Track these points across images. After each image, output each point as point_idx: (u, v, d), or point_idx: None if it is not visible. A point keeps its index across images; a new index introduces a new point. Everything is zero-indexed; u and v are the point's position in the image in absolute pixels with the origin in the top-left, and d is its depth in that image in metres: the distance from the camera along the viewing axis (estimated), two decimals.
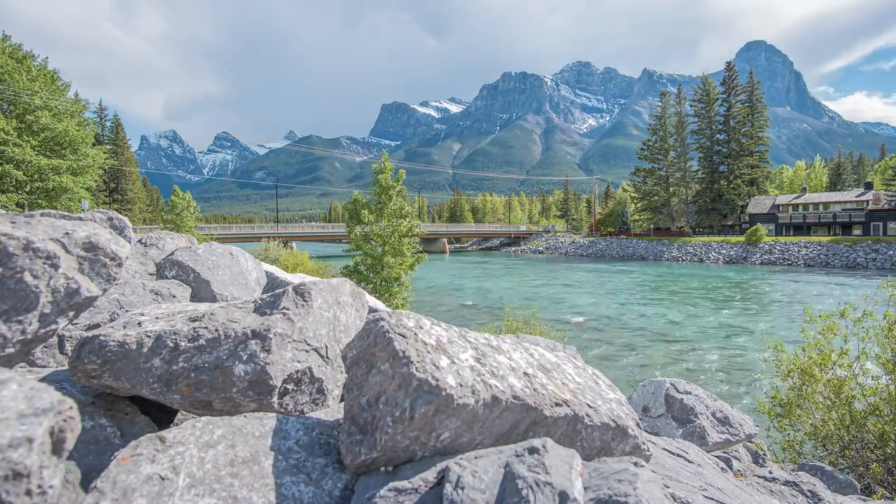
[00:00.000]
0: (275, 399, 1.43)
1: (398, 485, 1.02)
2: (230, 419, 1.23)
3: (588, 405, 1.39)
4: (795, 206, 55.67)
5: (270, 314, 1.58)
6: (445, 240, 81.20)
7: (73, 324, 2.05)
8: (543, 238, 78.15)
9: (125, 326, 1.47)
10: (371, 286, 16.65)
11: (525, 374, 1.31)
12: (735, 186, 61.82)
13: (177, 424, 1.45)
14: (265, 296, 1.73)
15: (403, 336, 1.17)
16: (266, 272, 3.34)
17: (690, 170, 66.40)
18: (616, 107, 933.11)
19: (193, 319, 1.52)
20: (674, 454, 2.39)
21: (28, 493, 0.86)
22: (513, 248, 78.29)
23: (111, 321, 2.04)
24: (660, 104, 67.26)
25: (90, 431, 1.28)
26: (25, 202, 25.93)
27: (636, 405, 3.48)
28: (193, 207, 34.00)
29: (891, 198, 49.55)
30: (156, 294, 2.39)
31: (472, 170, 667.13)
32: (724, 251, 49.64)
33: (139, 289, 2.39)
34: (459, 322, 18.80)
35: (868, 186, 54.02)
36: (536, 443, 1.04)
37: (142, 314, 1.59)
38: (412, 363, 1.09)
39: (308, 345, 1.58)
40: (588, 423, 1.35)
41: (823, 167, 77.37)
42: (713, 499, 1.70)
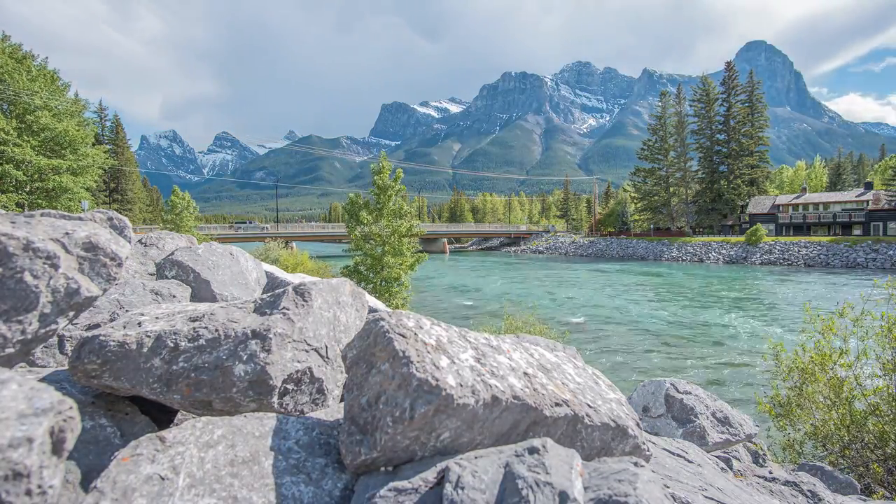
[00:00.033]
0: (275, 399, 1.43)
1: (398, 485, 1.02)
2: (230, 419, 1.23)
3: (588, 405, 1.39)
4: (795, 206, 55.68)
5: (270, 314, 1.58)
6: (445, 240, 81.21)
7: (73, 324, 2.05)
8: (543, 238, 78.15)
9: (125, 326, 1.47)
10: (371, 286, 16.65)
11: (525, 374, 1.31)
12: (735, 186, 61.84)
13: (177, 424, 1.45)
14: (265, 296, 1.73)
15: (403, 336, 1.17)
16: (266, 272, 3.34)
17: (690, 170, 66.41)
18: (616, 107, 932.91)
19: (193, 319, 1.52)
20: (674, 454, 2.39)
21: (28, 493, 0.86)
22: (513, 248, 78.28)
23: (111, 321, 2.04)
24: (660, 104, 67.27)
25: (90, 431, 1.28)
26: (25, 202, 25.93)
27: (636, 405, 3.48)
28: (193, 207, 34.01)
29: (891, 198, 49.56)
30: (156, 294, 2.39)
31: (472, 170, 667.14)
32: (724, 251, 49.64)
33: (139, 289, 2.39)
34: (459, 322, 18.80)
35: (868, 186, 54.04)
36: (536, 443, 1.04)
37: (142, 314, 1.59)
38: (412, 363, 1.09)
39: (308, 345, 1.58)
40: (588, 423, 1.35)
41: (823, 167, 77.39)
42: (713, 499, 1.70)
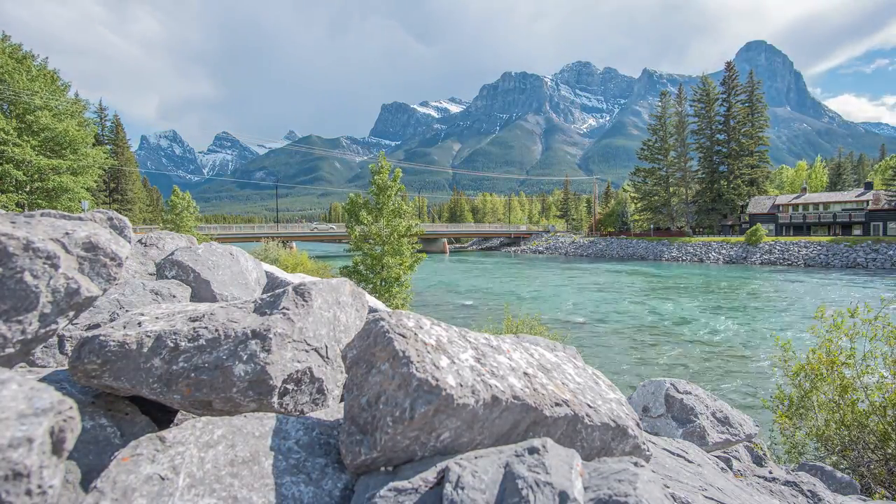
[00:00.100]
0: (275, 399, 1.43)
1: (398, 485, 1.02)
2: (230, 419, 1.23)
3: (588, 405, 1.39)
4: (795, 206, 55.68)
5: (270, 314, 1.58)
6: (445, 240, 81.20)
7: (73, 324, 2.05)
8: (543, 238, 78.14)
9: (125, 326, 1.47)
10: (371, 286, 16.65)
11: (525, 374, 1.31)
12: (735, 186, 61.84)
13: (177, 424, 1.45)
14: (265, 296, 1.73)
15: (403, 336, 1.17)
16: (266, 272, 3.34)
17: (690, 170, 66.42)
18: (616, 107, 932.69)
19: (193, 319, 1.52)
20: (674, 454, 2.39)
21: (28, 493, 0.86)
22: (513, 248, 78.28)
23: (111, 321, 2.04)
24: (660, 104, 67.28)
25: (90, 431, 1.28)
26: (25, 202, 25.93)
27: (636, 405, 3.48)
28: (193, 207, 34.01)
29: (891, 198, 49.56)
30: (156, 294, 2.39)
31: (472, 170, 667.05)
32: (724, 251, 49.65)
33: (139, 289, 2.39)
34: (459, 322, 18.80)
35: (868, 186, 54.03)
36: (536, 443, 1.04)
37: (142, 314, 1.59)
38: (412, 363, 1.09)
39: (308, 345, 1.58)
40: (588, 423, 1.35)
41: (823, 167, 77.38)
42: (713, 499, 1.70)
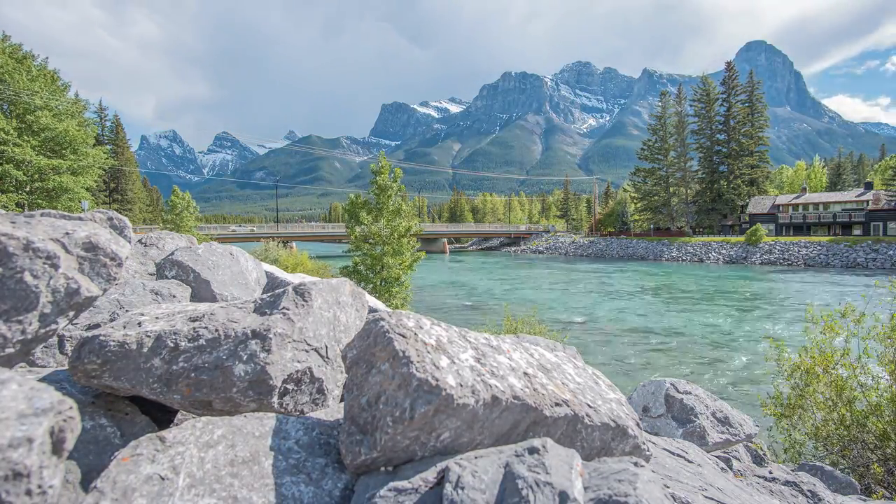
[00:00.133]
0: (275, 399, 1.43)
1: (398, 485, 1.02)
2: (230, 419, 1.23)
3: (588, 405, 1.39)
4: (795, 206, 55.68)
5: (270, 314, 1.58)
6: (445, 240, 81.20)
7: (73, 324, 2.05)
8: (543, 238, 78.13)
9: (125, 326, 1.47)
10: (371, 286, 16.64)
11: (525, 374, 1.31)
12: (735, 186, 61.84)
13: (177, 424, 1.45)
14: (265, 296, 1.73)
15: (403, 336, 1.17)
16: (266, 272, 3.34)
17: (690, 170, 66.41)
18: (616, 107, 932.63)
19: (193, 319, 1.52)
20: (674, 454, 2.39)
21: (28, 493, 0.86)
22: (513, 248, 78.27)
23: (111, 321, 2.04)
24: (660, 104, 67.28)
25: (90, 431, 1.28)
26: (25, 202, 25.94)
27: (636, 405, 3.48)
28: (193, 207, 34.01)
29: (891, 198, 49.56)
30: (156, 294, 2.39)
31: (472, 170, 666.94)
32: (724, 251, 49.65)
33: (139, 289, 2.39)
34: (459, 322, 18.80)
35: (868, 186, 54.03)
36: (536, 443, 1.04)
37: (142, 314, 1.59)
38: (412, 363, 1.09)
39: (308, 345, 1.58)
40: (588, 423, 1.35)
41: (823, 167, 77.39)
42: (713, 499, 1.70)
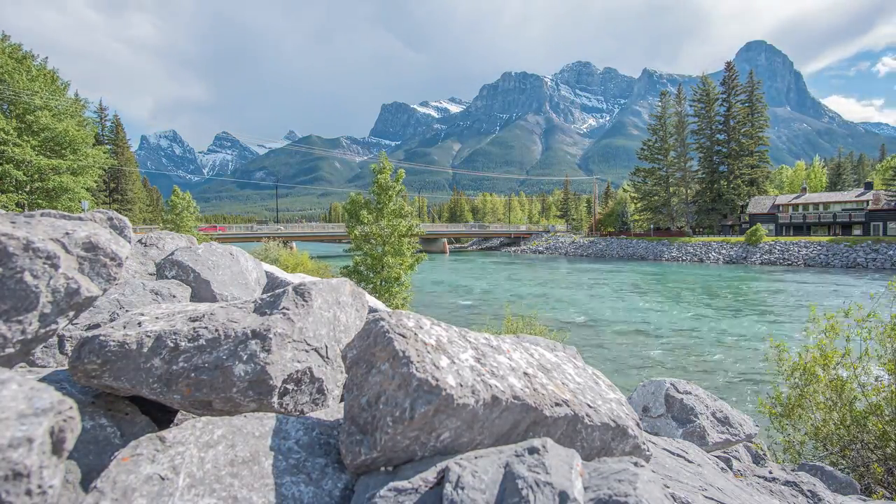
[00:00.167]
0: (275, 399, 1.43)
1: (398, 485, 1.02)
2: (230, 419, 1.23)
3: (588, 405, 1.39)
4: (795, 206, 55.68)
5: (270, 314, 1.58)
6: (445, 240, 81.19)
7: (73, 324, 2.05)
8: (543, 238, 78.13)
9: (125, 326, 1.47)
10: (371, 286, 16.64)
11: (525, 374, 1.31)
12: (735, 186, 61.84)
13: (177, 424, 1.45)
14: (265, 296, 1.73)
15: (403, 336, 1.17)
16: (266, 272, 3.34)
17: (690, 170, 66.42)
18: (616, 107, 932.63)
19: (193, 319, 1.52)
20: (674, 454, 2.39)
21: (28, 493, 0.86)
22: (513, 248, 78.27)
23: (111, 321, 2.04)
24: (660, 104, 67.29)
25: (90, 431, 1.28)
26: (25, 202, 25.94)
27: (636, 405, 3.48)
28: (193, 207, 34.01)
29: (891, 198, 49.56)
30: (156, 294, 2.39)
31: (472, 170, 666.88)
32: (724, 251, 49.65)
33: (139, 289, 2.39)
34: (459, 322, 18.80)
35: (868, 186, 54.03)
36: (536, 443, 1.04)
37: (142, 314, 1.59)
38: (412, 363, 1.09)
39: (308, 345, 1.58)
40: (588, 423, 1.35)
41: (823, 167, 77.38)
42: (713, 499, 1.70)
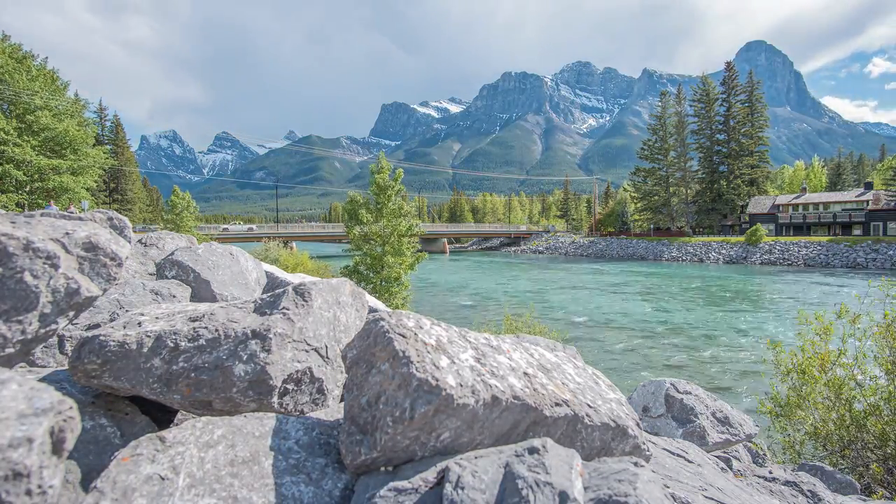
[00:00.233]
0: (275, 399, 1.43)
1: (398, 485, 1.02)
2: (230, 419, 1.23)
3: (588, 405, 1.39)
4: (795, 206, 55.68)
5: (270, 314, 1.58)
6: (445, 240, 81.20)
7: (73, 324, 2.05)
8: (543, 238, 78.14)
9: (125, 326, 1.47)
10: (371, 286, 16.64)
11: (525, 374, 1.31)
12: (735, 186, 61.84)
13: (177, 424, 1.45)
14: (265, 296, 1.73)
15: (403, 336, 1.17)
16: (266, 272, 3.34)
17: (690, 170, 66.42)
18: (616, 107, 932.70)
19: (193, 319, 1.52)
20: (674, 454, 2.39)
21: (28, 493, 0.86)
22: (513, 248, 78.28)
23: (111, 321, 2.04)
24: (660, 104, 67.30)
25: (90, 431, 1.28)
26: (25, 202, 25.94)
27: (636, 405, 3.48)
28: (193, 207, 34.00)
29: (891, 198, 49.56)
30: (156, 294, 2.39)
31: (472, 170, 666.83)
32: (724, 251, 49.65)
33: (139, 289, 2.39)
34: (459, 322, 18.79)
35: (868, 186, 54.02)
36: (536, 443, 1.04)
37: (142, 314, 1.59)
38: (412, 363, 1.09)
39: (308, 345, 1.58)
40: (588, 423, 1.35)
41: (823, 167, 77.40)
42: (713, 499, 1.70)
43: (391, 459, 1.10)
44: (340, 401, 1.69)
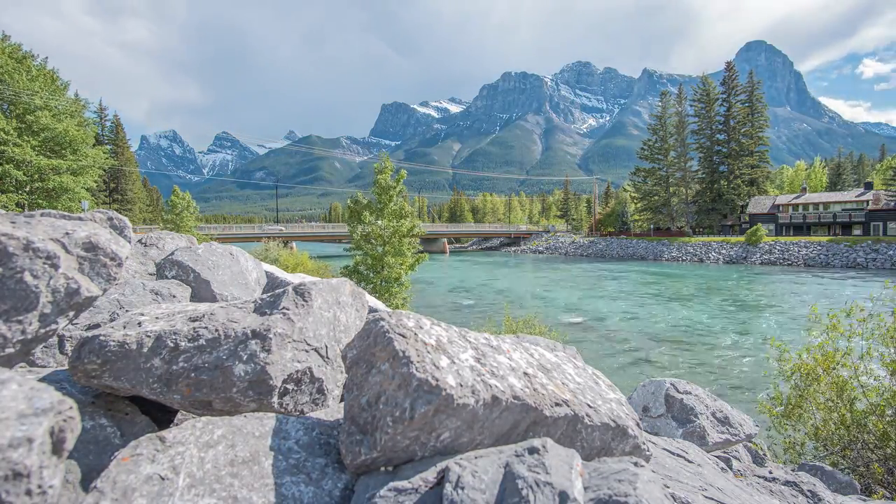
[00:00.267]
0: (275, 399, 1.43)
1: (398, 485, 1.02)
2: (230, 419, 1.23)
3: (588, 405, 1.39)
4: (795, 206, 55.67)
5: (270, 314, 1.58)
6: (445, 240, 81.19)
7: (73, 324, 2.05)
8: (543, 238, 78.13)
9: (125, 326, 1.47)
10: (371, 286, 16.64)
11: (525, 374, 1.31)
12: (735, 186, 61.83)
13: (177, 424, 1.45)
14: (265, 296, 1.73)
15: (403, 336, 1.17)
16: (266, 272, 3.34)
17: (690, 170, 66.41)
18: (616, 107, 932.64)
19: (193, 319, 1.52)
20: (674, 454, 2.39)
21: (28, 493, 0.86)
22: (513, 248, 78.27)
23: (111, 321, 2.04)
24: (660, 104, 67.29)
25: (90, 431, 1.28)
26: (25, 202, 25.94)
27: (636, 405, 3.48)
28: (193, 207, 34.02)
29: (891, 198, 49.56)
30: (156, 294, 2.39)
31: (472, 170, 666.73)
32: (724, 251, 49.64)
33: (139, 289, 2.39)
34: (459, 322, 18.79)
35: (868, 186, 54.00)
36: (536, 443, 1.04)
37: (142, 314, 1.59)
38: (412, 363, 1.09)
39: (308, 345, 1.58)
40: (588, 423, 1.35)
41: (823, 167, 77.39)
42: (713, 499, 1.70)
43: (391, 459, 1.10)
44: (340, 401, 1.69)
